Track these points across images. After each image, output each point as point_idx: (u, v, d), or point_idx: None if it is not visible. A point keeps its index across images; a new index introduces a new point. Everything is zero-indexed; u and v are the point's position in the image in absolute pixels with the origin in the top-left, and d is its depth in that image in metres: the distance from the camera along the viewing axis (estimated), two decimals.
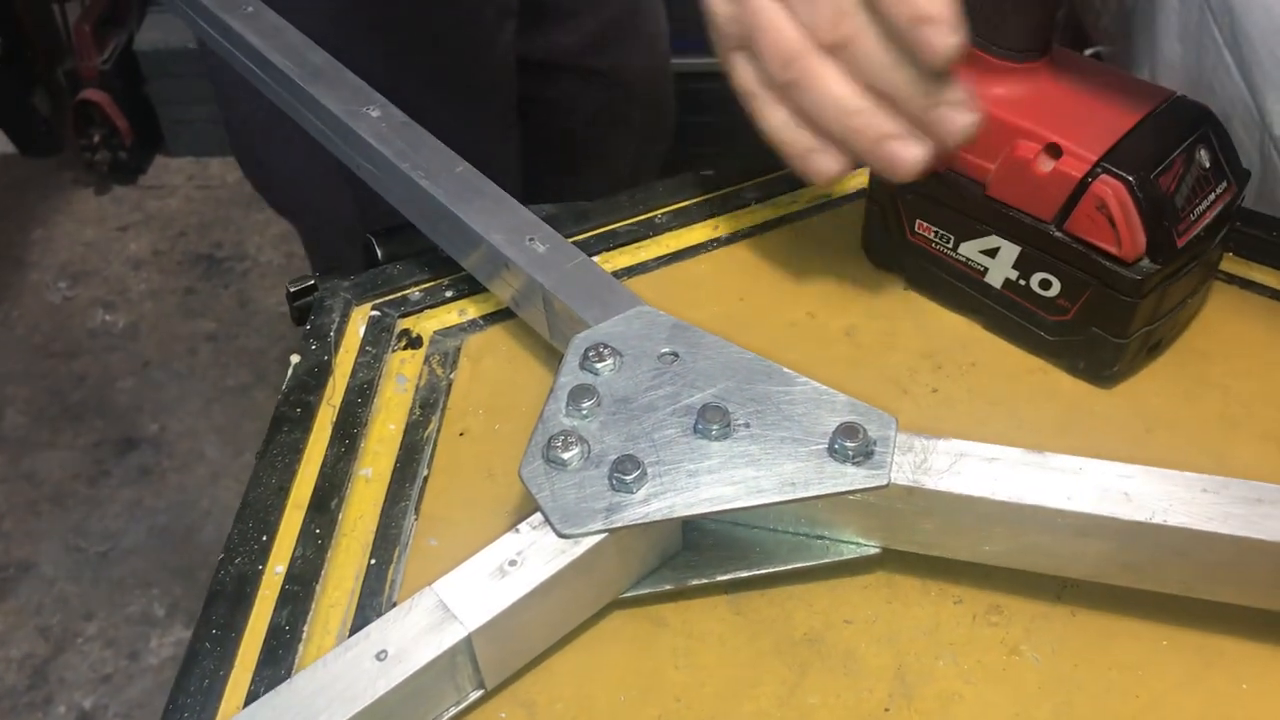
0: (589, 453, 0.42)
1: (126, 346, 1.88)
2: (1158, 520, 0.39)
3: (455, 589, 0.39)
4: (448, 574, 0.40)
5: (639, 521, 0.40)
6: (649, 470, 0.41)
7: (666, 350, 0.46)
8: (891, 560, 0.45)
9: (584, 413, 0.43)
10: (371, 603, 0.45)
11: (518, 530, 0.41)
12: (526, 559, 0.40)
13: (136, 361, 1.86)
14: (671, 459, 0.42)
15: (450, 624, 0.38)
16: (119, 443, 1.72)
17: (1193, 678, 0.42)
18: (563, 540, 0.40)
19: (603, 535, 0.40)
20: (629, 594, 0.44)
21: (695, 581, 0.44)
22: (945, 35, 0.41)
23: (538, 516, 0.41)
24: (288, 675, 0.42)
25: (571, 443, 0.42)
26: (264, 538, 0.47)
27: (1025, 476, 0.41)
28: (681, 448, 0.42)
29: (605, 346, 0.45)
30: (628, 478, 0.41)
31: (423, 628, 0.38)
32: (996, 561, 0.44)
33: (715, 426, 0.42)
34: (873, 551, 0.45)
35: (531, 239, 0.52)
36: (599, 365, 0.45)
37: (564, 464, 0.42)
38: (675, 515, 0.40)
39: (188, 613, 1.50)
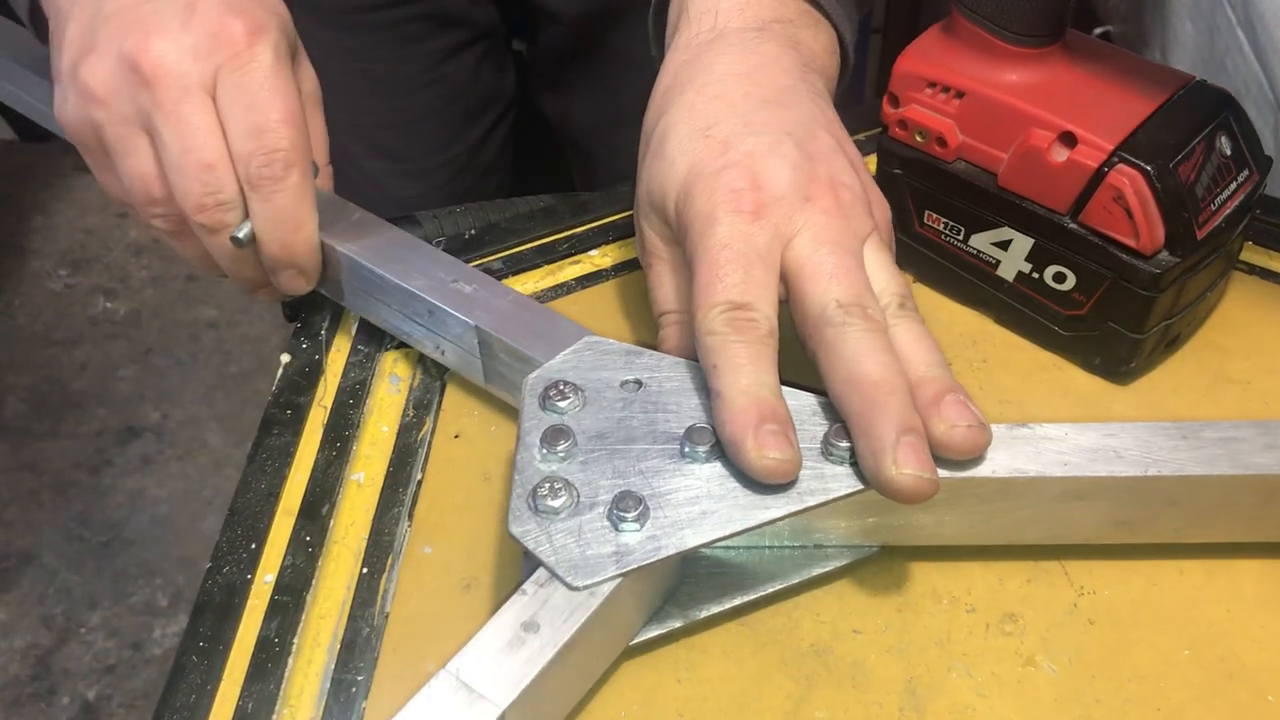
0: (578, 497, 0.40)
1: (128, 334, 1.87)
2: (1152, 473, 0.40)
3: (474, 666, 0.36)
4: (460, 651, 0.37)
5: (653, 559, 0.38)
6: (649, 504, 0.39)
7: (628, 378, 0.44)
8: (901, 567, 0.44)
9: (561, 455, 0.41)
10: (363, 613, 0.43)
11: (524, 591, 0.38)
12: (541, 621, 0.37)
13: (138, 349, 1.85)
14: (666, 489, 0.40)
15: (479, 704, 0.35)
16: (121, 431, 1.71)
17: (1215, 689, 0.40)
18: (575, 594, 0.38)
19: (617, 581, 0.38)
20: (640, 639, 0.42)
21: (703, 614, 0.42)
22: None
23: (542, 573, 0.38)
24: (277, 689, 0.41)
25: (558, 489, 0.39)
26: (253, 545, 0.45)
27: (1019, 451, 0.41)
28: (672, 475, 0.40)
29: (564, 384, 0.43)
30: (630, 515, 0.38)
31: (451, 715, 0.35)
32: (993, 540, 0.43)
33: (703, 448, 0.40)
34: (872, 551, 0.44)
35: (455, 280, 0.49)
36: (562, 404, 0.42)
37: (555, 512, 0.39)
38: (688, 546, 0.38)
39: (191, 602, 1.49)
